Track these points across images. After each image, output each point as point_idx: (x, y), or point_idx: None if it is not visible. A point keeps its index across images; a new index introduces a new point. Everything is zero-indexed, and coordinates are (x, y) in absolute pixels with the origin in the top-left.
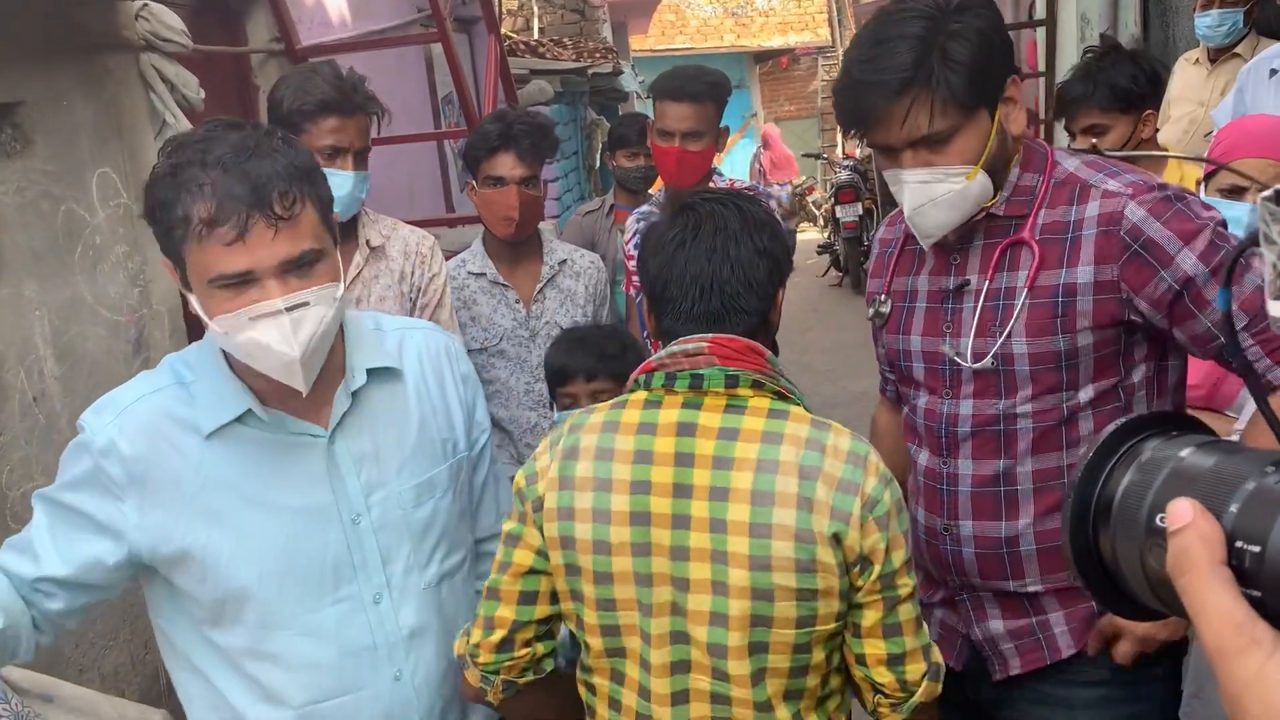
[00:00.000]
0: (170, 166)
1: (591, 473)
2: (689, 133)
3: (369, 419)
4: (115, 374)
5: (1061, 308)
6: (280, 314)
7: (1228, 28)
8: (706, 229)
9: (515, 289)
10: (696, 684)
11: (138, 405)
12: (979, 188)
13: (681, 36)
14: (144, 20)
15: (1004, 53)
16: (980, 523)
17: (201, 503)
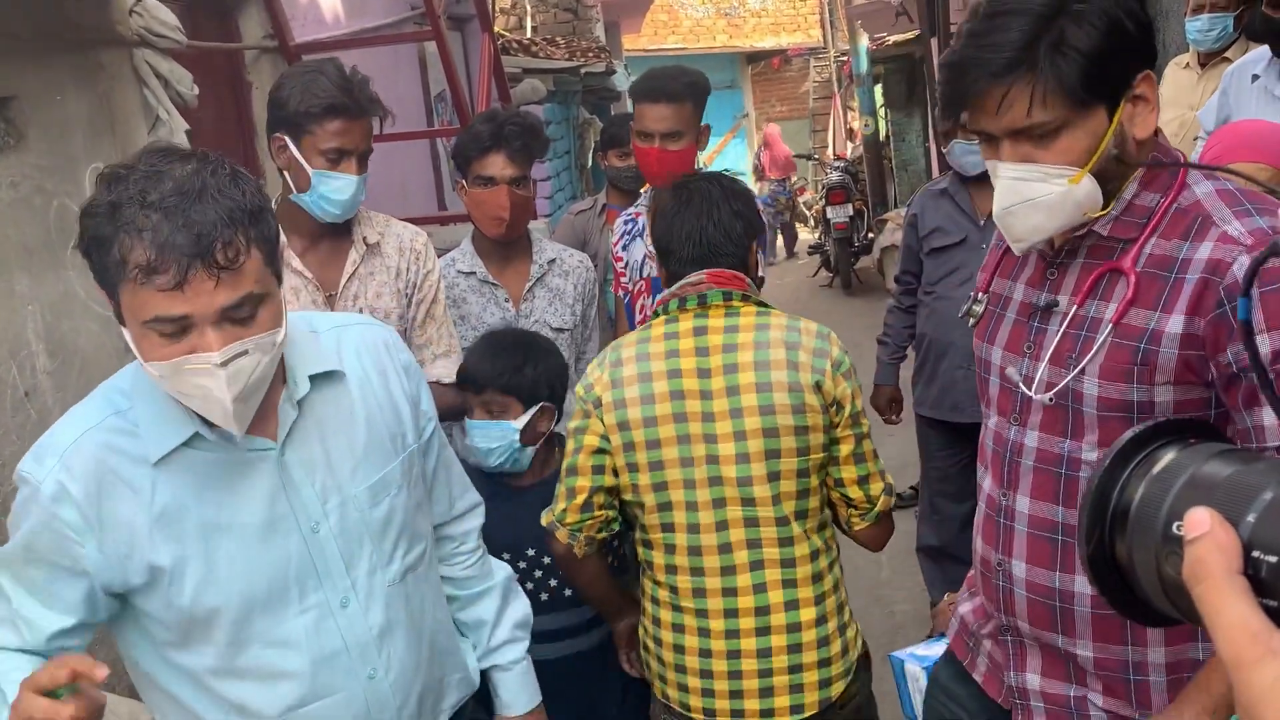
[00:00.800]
0: (108, 204)
1: (635, 372)
2: (668, 133)
3: (316, 425)
4: (107, 369)
5: (1143, 355)
6: (218, 367)
7: (1218, 32)
8: (696, 199)
9: (504, 288)
10: (732, 514)
11: (80, 442)
12: (1083, 194)
13: (674, 36)
14: (138, 15)
15: (1138, 43)
16: (1034, 568)
17: (160, 532)
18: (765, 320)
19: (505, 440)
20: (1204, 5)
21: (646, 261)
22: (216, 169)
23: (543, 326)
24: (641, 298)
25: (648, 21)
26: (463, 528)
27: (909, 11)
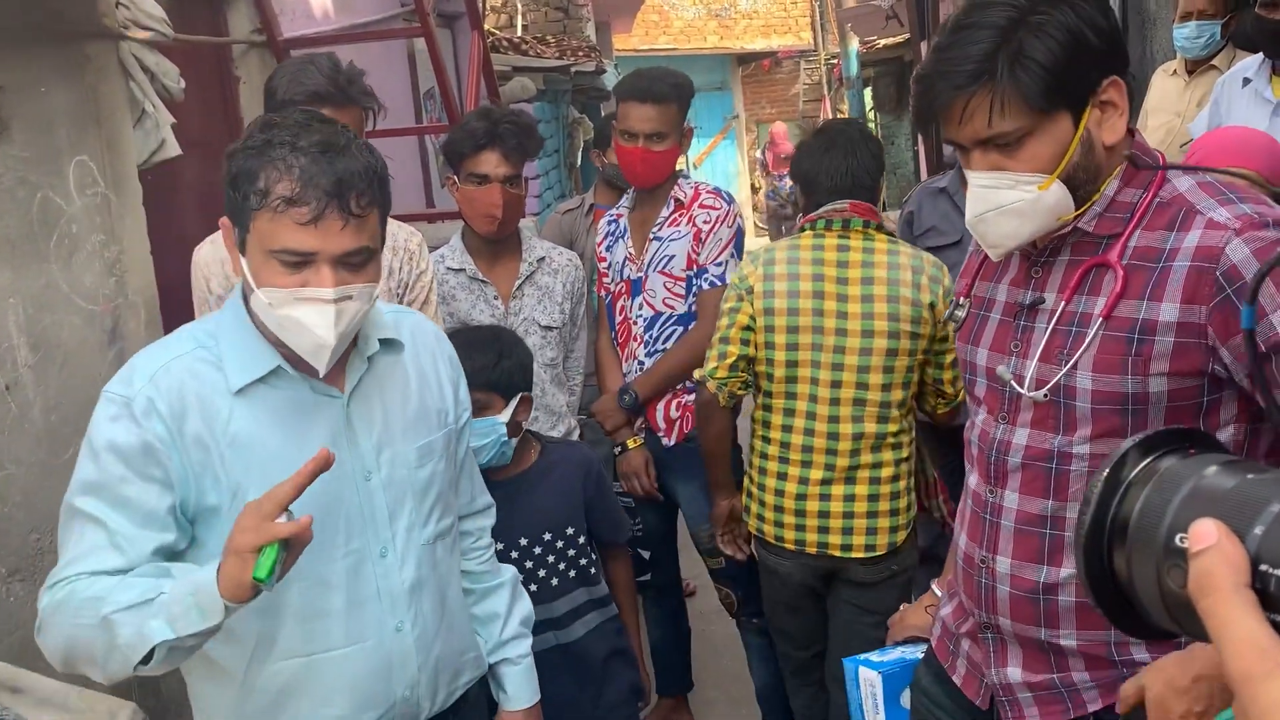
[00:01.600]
0: (263, 140)
1: (785, 270)
2: (652, 134)
3: (377, 384)
4: (89, 364)
5: (1136, 345)
6: (329, 303)
7: (1205, 39)
8: (841, 140)
9: (494, 285)
10: (846, 393)
11: (170, 366)
12: (1053, 200)
13: (665, 37)
14: (124, 8)
15: (1100, 52)
16: (1019, 562)
17: (230, 457)
18: (895, 248)
19: (494, 435)
20: (1191, 13)
21: (628, 263)
22: (354, 137)
23: (531, 324)
24: (622, 299)
25: (638, 21)
26: (479, 524)
27: (899, 15)
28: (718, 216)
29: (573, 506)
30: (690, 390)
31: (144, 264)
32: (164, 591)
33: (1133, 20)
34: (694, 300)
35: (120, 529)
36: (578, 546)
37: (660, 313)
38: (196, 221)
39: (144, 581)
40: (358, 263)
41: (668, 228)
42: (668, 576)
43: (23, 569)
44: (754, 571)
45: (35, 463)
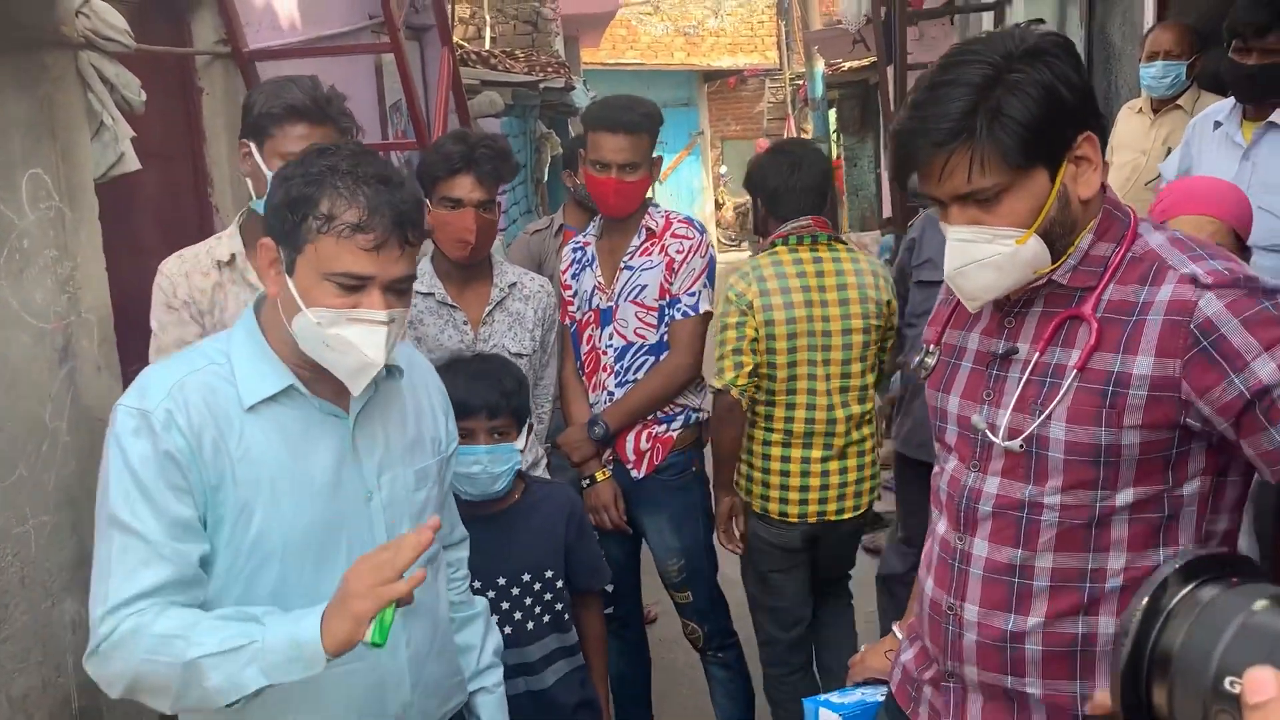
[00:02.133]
0: (323, 167)
1: (776, 285)
2: (625, 164)
3: (380, 408)
4: (38, 383)
5: (1111, 398)
6: (382, 325)
7: (1171, 79)
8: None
9: (463, 310)
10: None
11: (185, 380)
12: (1031, 254)
13: (632, 52)
14: (84, 17)
15: (1075, 108)
16: (987, 610)
17: (241, 471)
18: (855, 256)
19: (513, 462)
20: (1158, 52)
21: (596, 292)
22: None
23: (501, 351)
24: (589, 328)
25: (606, 36)
26: (458, 554)
27: (865, 40)
28: (690, 246)
29: (554, 549)
30: (661, 421)
31: (98, 280)
32: (256, 640)
33: (1097, 55)
34: (665, 330)
35: (163, 540)
36: (555, 590)
37: (632, 343)
38: (155, 235)
39: (229, 625)
40: (404, 289)
41: (639, 257)
42: (630, 608)
43: None
44: (720, 606)
45: None
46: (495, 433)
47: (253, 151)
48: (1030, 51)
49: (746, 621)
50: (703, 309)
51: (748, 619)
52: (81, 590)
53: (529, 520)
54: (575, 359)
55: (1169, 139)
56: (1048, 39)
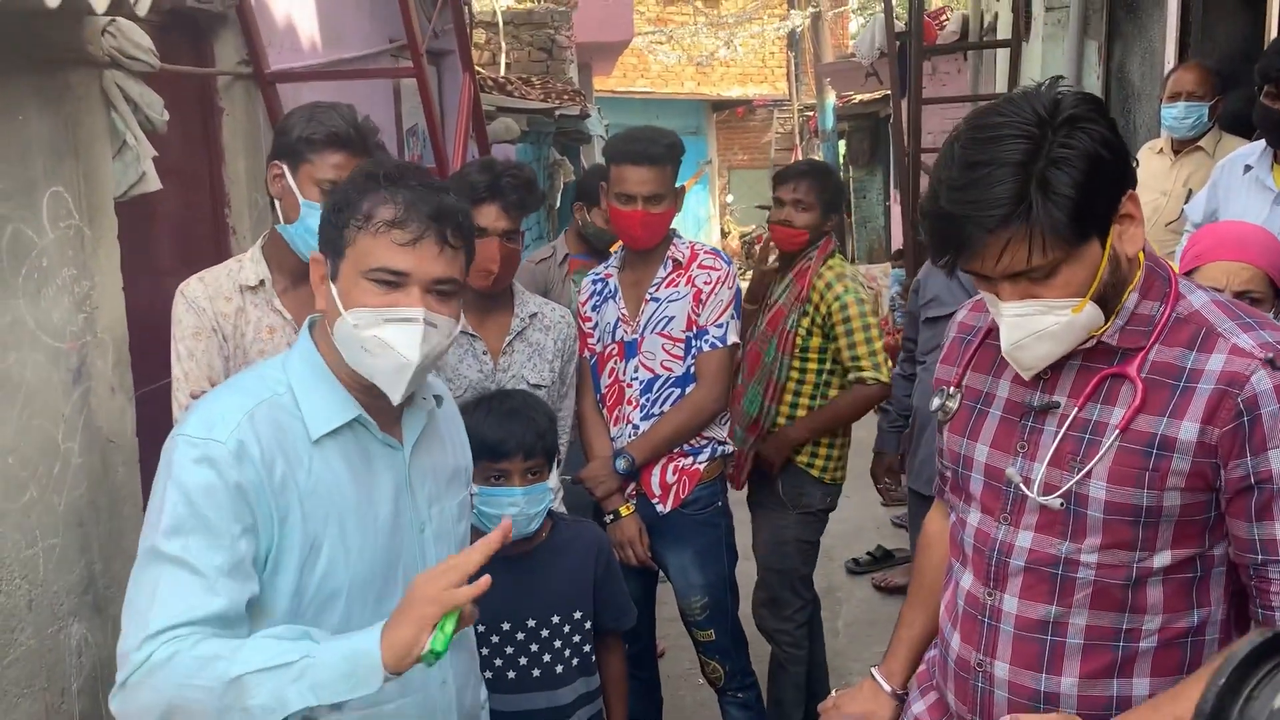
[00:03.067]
0: (365, 175)
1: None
2: (650, 196)
3: (427, 439)
4: (52, 405)
5: (1155, 460)
6: (417, 322)
7: (1193, 120)
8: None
9: (484, 340)
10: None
11: (256, 411)
12: (1087, 319)
13: (643, 80)
14: (110, 36)
15: (1116, 171)
16: (1018, 669)
17: (309, 506)
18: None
19: (546, 501)
20: (1180, 93)
21: (620, 324)
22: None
23: (520, 382)
24: (612, 360)
25: (618, 64)
26: None
27: (878, 73)
28: (718, 278)
29: (583, 589)
30: (688, 454)
31: (115, 300)
32: (308, 655)
33: (1115, 95)
34: (693, 362)
35: (216, 576)
36: (583, 632)
37: (658, 375)
38: (171, 256)
39: (279, 644)
40: (446, 292)
41: (665, 288)
42: (644, 646)
43: None
44: (741, 645)
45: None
46: (530, 473)
47: (285, 174)
48: (1068, 121)
49: (761, 662)
50: (730, 340)
51: (763, 659)
52: (89, 614)
53: (558, 560)
54: (595, 392)
55: (1190, 180)
56: (1081, 103)
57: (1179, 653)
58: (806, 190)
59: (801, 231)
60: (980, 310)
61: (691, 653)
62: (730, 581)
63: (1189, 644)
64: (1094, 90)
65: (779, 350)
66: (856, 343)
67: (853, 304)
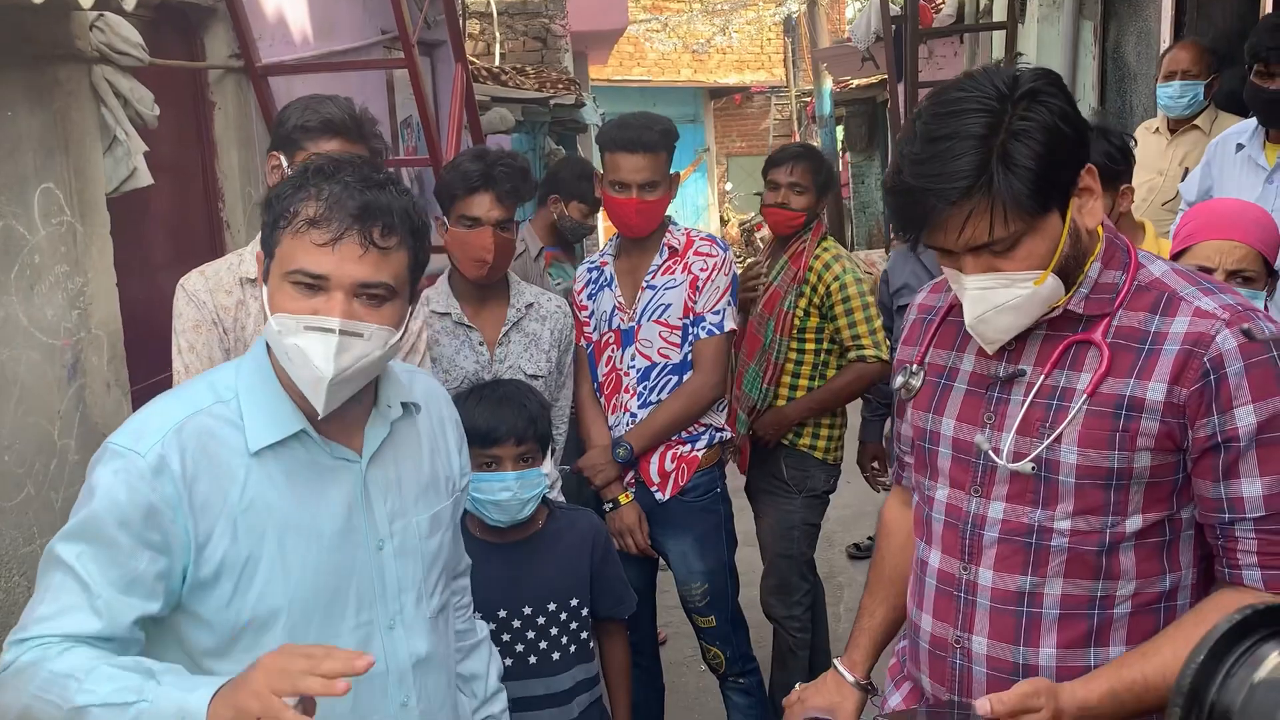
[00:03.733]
0: (301, 171)
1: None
2: (645, 183)
3: (394, 450)
4: (47, 400)
5: (1124, 421)
6: (331, 333)
7: (1188, 100)
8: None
9: (480, 330)
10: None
11: (186, 423)
12: (1048, 291)
13: (639, 68)
14: (99, 31)
15: (1075, 144)
16: (996, 642)
17: (244, 523)
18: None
19: (540, 487)
20: (1176, 72)
21: (616, 312)
22: (399, 185)
23: (516, 373)
24: (609, 348)
25: (613, 52)
26: (462, 583)
27: (875, 57)
28: (714, 264)
29: (579, 577)
30: (685, 441)
31: (109, 296)
32: (146, 699)
33: (1111, 75)
34: (690, 349)
35: (102, 592)
36: (580, 619)
37: (655, 363)
38: (165, 250)
39: (125, 677)
40: (374, 297)
41: (662, 275)
42: (645, 634)
43: None
44: (741, 630)
45: None
46: (522, 459)
47: (282, 164)
48: (1027, 94)
49: (762, 648)
50: (727, 327)
51: (764, 645)
52: None
53: (554, 547)
54: (592, 380)
55: (1186, 159)
56: (1039, 78)
57: (1153, 619)
58: (802, 173)
59: (798, 214)
60: (939, 291)
61: (693, 639)
62: (730, 567)
63: (1162, 609)
64: (1090, 71)
65: (777, 331)
66: (857, 321)
67: (852, 283)
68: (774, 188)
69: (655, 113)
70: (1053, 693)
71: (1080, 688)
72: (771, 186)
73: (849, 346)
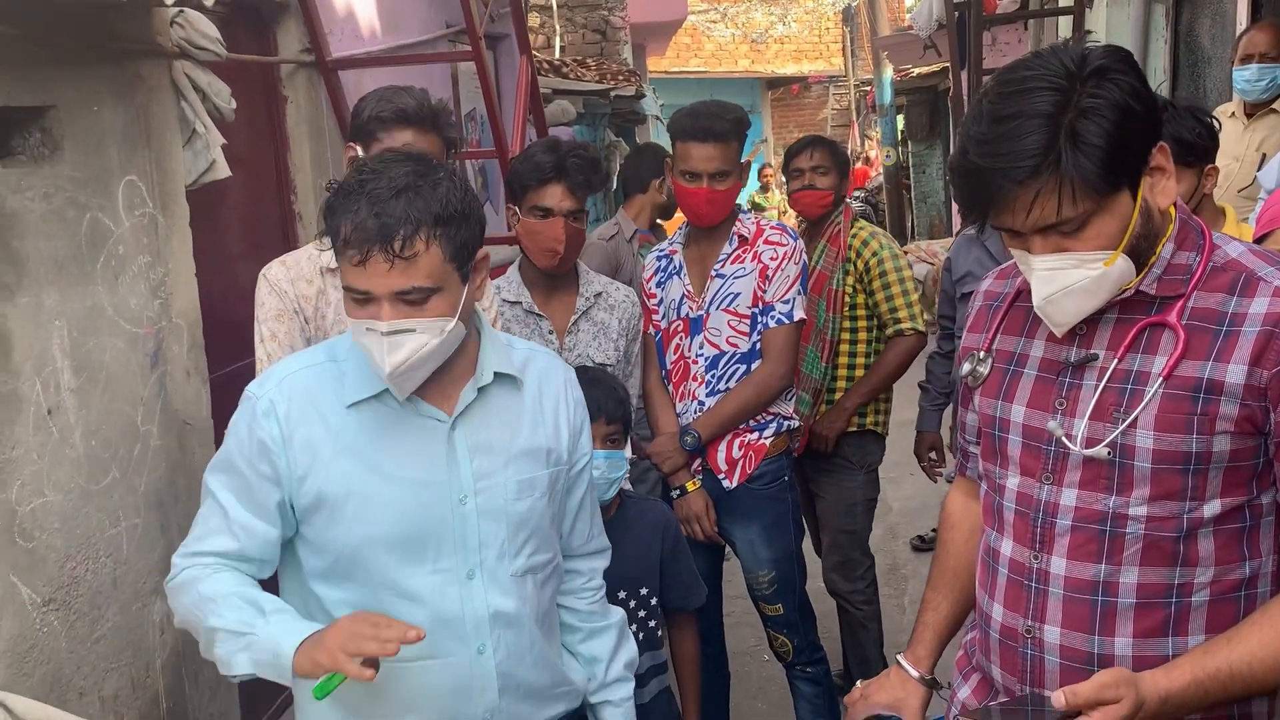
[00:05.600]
0: (344, 188)
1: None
2: (715, 173)
3: (486, 415)
4: (131, 388)
5: (1203, 405)
6: (382, 336)
7: (1266, 83)
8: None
9: (549, 319)
10: None
11: (298, 373)
12: (1118, 272)
13: (696, 59)
14: (179, 27)
15: (1146, 122)
16: (1069, 631)
17: (336, 465)
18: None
19: (624, 470)
20: (1253, 55)
21: (686, 300)
22: (429, 173)
23: (585, 360)
24: (677, 336)
25: (671, 44)
26: (592, 565)
27: (936, 45)
28: (784, 253)
29: (649, 566)
30: (753, 429)
31: (189, 286)
32: (255, 633)
33: (1184, 59)
34: (759, 338)
35: (238, 517)
36: (649, 608)
37: (724, 351)
38: (241, 241)
39: (245, 610)
40: (416, 300)
41: (731, 264)
42: (710, 621)
43: (57, 599)
44: (809, 618)
45: (74, 489)
46: (610, 439)
47: (358, 153)
48: (1096, 72)
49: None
50: (797, 316)
51: (828, 635)
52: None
53: (625, 535)
54: (660, 368)
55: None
56: (1109, 55)
57: (1232, 607)
58: (821, 156)
59: (827, 193)
60: (1005, 277)
61: (757, 629)
62: (798, 555)
63: (1242, 598)
64: (1161, 55)
65: (829, 310)
66: (894, 295)
67: (889, 258)
68: (798, 174)
69: (725, 101)
70: (1133, 683)
71: (1162, 677)
72: (795, 174)
73: (887, 321)
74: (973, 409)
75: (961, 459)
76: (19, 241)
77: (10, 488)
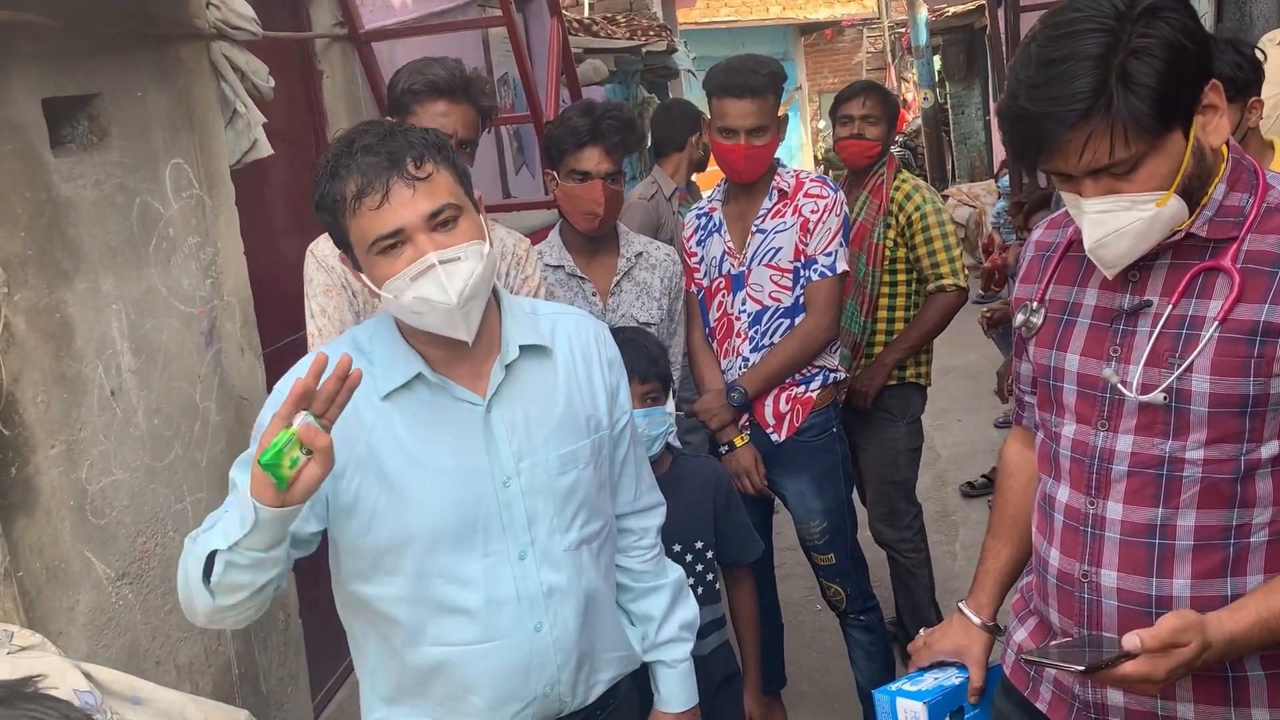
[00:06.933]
0: (327, 163)
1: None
2: (753, 128)
3: (520, 391)
4: (188, 366)
5: (1260, 347)
6: (434, 267)
7: None
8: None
9: (592, 281)
10: None
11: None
12: (1171, 213)
13: (726, 9)
14: (215, 8)
15: (1198, 60)
16: (1126, 575)
17: (373, 460)
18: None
19: (666, 425)
20: None
21: (726, 257)
22: (410, 129)
23: (629, 320)
24: (720, 294)
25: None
26: (643, 523)
27: None
28: (825, 205)
29: (703, 521)
30: (800, 383)
31: (238, 264)
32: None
33: None
34: (801, 292)
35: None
36: (705, 562)
37: (767, 306)
38: (285, 218)
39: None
40: (446, 220)
41: (771, 219)
42: (762, 575)
43: (130, 573)
44: (861, 568)
45: (140, 466)
46: (647, 397)
47: None
48: (1146, 11)
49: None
50: (840, 269)
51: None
52: None
53: (677, 492)
54: (704, 326)
55: None
56: None
57: None
58: (873, 104)
59: (874, 144)
60: (1056, 227)
61: (809, 580)
62: (849, 505)
63: None
64: None
65: (869, 264)
66: (936, 250)
67: (932, 213)
68: (847, 121)
69: (760, 54)
70: (1200, 626)
71: (1228, 618)
72: (844, 121)
73: (929, 276)
74: (1027, 359)
75: (1018, 409)
76: (74, 229)
77: (81, 467)
